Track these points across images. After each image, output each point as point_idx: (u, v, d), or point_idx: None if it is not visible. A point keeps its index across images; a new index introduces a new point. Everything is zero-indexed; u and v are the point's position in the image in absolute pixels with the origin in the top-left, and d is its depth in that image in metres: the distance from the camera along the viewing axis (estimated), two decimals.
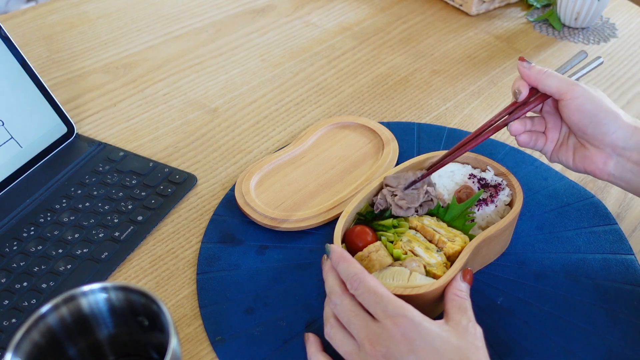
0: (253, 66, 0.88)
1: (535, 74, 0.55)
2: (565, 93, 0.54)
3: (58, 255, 0.60)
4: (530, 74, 0.55)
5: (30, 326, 0.39)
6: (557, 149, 0.59)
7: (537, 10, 1.03)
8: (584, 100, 0.53)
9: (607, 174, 0.55)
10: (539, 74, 0.55)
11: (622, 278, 0.58)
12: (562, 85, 0.54)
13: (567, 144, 0.58)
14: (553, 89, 0.54)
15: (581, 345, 0.52)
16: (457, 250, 0.53)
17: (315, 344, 0.50)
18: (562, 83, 0.54)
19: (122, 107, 0.80)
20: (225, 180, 0.69)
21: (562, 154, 0.58)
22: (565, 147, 0.58)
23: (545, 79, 0.55)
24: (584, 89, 0.54)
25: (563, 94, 0.54)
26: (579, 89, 0.54)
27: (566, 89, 0.54)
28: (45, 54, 0.89)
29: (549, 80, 0.54)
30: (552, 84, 0.54)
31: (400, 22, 0.99)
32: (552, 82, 0.54)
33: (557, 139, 0.59)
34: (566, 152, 0.58)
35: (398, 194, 0.57)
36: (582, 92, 0.54)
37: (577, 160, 0.57)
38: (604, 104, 0.54)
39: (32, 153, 0.68)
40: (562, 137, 0.59)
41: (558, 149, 0.59)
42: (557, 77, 0.55)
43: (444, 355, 0.43)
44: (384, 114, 0.80)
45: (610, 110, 0.53)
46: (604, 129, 0.54)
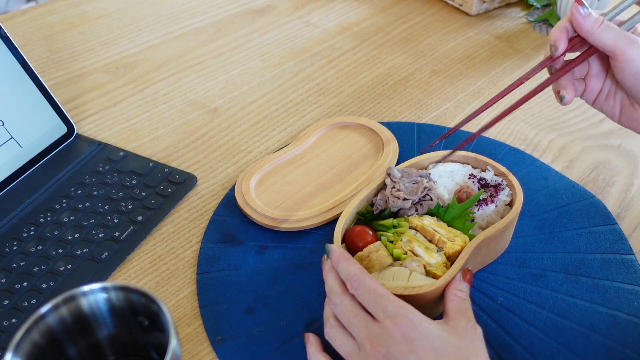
0: (253, 66, 0.88)
1: (590, 25, 0.49)
2: (622, 54, 0.48)
3: (58, 255, 0.60)
4: (584, 24, 0.49)
5: (30, 326, 0.39)
6: (601, 100, 0.54)
7: (537, 10, 1.03)
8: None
9: None
10: (594, 25, 0.48)
11: (622, 278, 0.58)
12: (619, 42, 0.48)
13: (614, 99, 0.53)
14: (608, 46, 0.48)
15: (581, 345, 0.52)
16: (457, 250, 0.53)
17: (315, 344, 0.50)
18: (619, 40, 0.48)
19: (122, 107, 0.80)
20: (225, 180, 0.70)
21: (607, 107, 0.54)
22: (611, 101, 0.54)
23: (601, 32, 0.48)
24: None
25: (619, 54, 0.48)
26: (637, 50, 0.48)
27: (622, 49, 0.48)
28: (45, 54, 0.89)
29: (604, 35, 0.48)
30: (607, 39, 0.48)
31: (400, 22, 0.99)
32: (608, 37, 0.48)
33: (599, 89, 0.54)
34: (612, 106, 0.54)
35: (397, 185, 0.57)
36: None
37: (624, 119, 0.53)
38: None
39: (32, 153, 0.68)
40: (607, 88, 0.54)
41: (602, 100, 0.54)
42: (614, 32, 0.48)
43: (444, 355, 0.43)
44: (384, 114, 0.80)
45: None
46: None
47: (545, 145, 0.75)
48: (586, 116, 0.79)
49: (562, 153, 0.73)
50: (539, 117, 0.79)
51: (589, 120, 0.79)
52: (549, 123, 0.78)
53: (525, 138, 0.75)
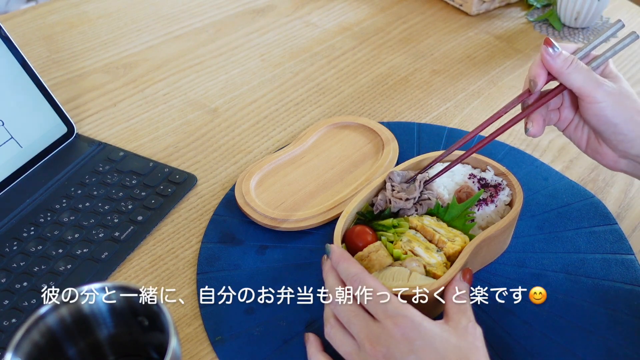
0: (253, 66, 0.88)
1: (559, 66, 0.50)
2: (588, 96, 0.50)
3: (58, 255, 0.60)
4: (553, 64, 0.51)
5: (30, 326, 0.39)
6: (571, 130, 0.57)
7: (537, 10, 1.03)
8: (606, 106, 0.50)
9: (618, 169, 0.56)
10: (564, 66, 0.50)
11: (622, 278, 0.58)
12: (586, 84, 0.50)
13: (582, 130, 0.56)
14: (575, 87, 0.51)
15: (581, 345, 0.52)
16: (457, 250, 0.53)
17: (315, 344, 0.50)
18: (587, 82, 0.50)
19: (122, 107, 0.80)
20: (225, 180, 0.70)
21: (576, 137, 0.57)
22: (579, 132, 0.56)
23: (570, 73, 0.50)
24: (609, 94, 0.50)
25: (585, 96, 0.51)
26: (602, 93, 0.50)
27: (589, 91, 0.50)
28: (45, 54, 0.89)
29: (573, 76, 0.50)
30: (575, 81, 0.50)
31: (400, 22, 0.99)
32: (575, 79, 0.50)
33: (570, 119, 0.56)
34: (580, 137, 0.57)
35: (396, 188, 0.57)
36: (605, 97, 0.50)
37: (589, 150, 0.57)
38: (628, 112, 0.50)
39: (32, 153, 0.68)
40: (577, 120, 0.56)
41: (572, 130, 0.57)
42: (582, 73, 0.50)
43: (444, 355, 0.43)
44: (384, 114, 0.80)
45: (632, 120, 0.50)
46: (621, 137, 0.52)
47: (545, 145, 0.75)
48: None
49: (562, 153, 0.73)
50: None
51: None
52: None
53: (525, 138, 0.75)
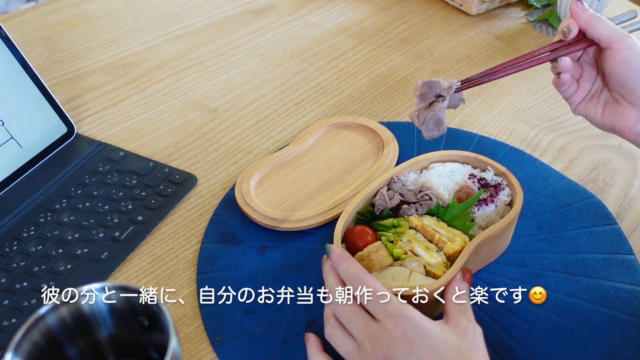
0: (253, 66, 0.88)
1: (587, 18, 0.54)
2: (615, 42, 0.53)
3: (58, 255, 0.60)
4: (582, 16, 0.54)
5: (30, 326, 0.39)
6: (586, 101, 0.58)
7: (537, 10, 1.03)
8: (632, 52, 0.53)
9: (635, 133, 0.56)
10: (591, 18, 0.54)
11: (622, 278, 0.58)
12: (613, 33, 0.53)
13: (598, 98, 0.58)
14: (603, 35, 0.54)
15: (581, 345, 0.52)
16: (457, 250, 0.53)
17: (315, 344, 0.50)
18: (614, 31, 0.53)
19: (122, 107, 0.80)
20: (225, 180, 0.70)
21: (591, 108, 0.58)
22: (595, 101, 0.58)
23: (597, 24, 0.54)
24: (635, 41, 0.53)
25: (612, 43, 0.53)
26: (629, 40, 0.53)
27: (617, 38, 0.53)
28: (45, 54, 0.89)
29: (600, 26, 0.54)
30: (603, 30, 0.53)
31: (400, 22, 0.99)
32: (603, 28, 0.53)
33: (588, 90, 0.58)
34: (595, 106, 0.58)
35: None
36: (633, 44, 0.53)
37: (607, 116, 0.57)
38: None
39: (32, 153, 0.68)
40: (594, 89, 0.58)
41: (587, 101, 0.58)
42: (608, 24, 0.54)
43: (444, 355, 0.43)
44: (384, 114, 0.80)
45: None
46: None
47: (545, 145, 0.75)
48: None
49: (562, 153, 0.73)
50: (539, 117, 0.79)
51: None
52: (549, 123, 0.78)
53: (525, 138, 0.75)
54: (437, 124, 0.56)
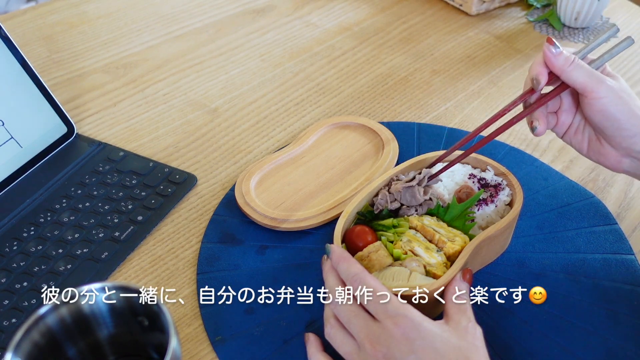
0: (253, 66, 0.88)
1: (561, 64, 0.51)
2: (591, 92, 0.51)
3: (58, 255, 0.60)
4: (555, 63, 0.51)
5: (30, 326, 0.39)
6: (571, 134, 0.57)
7: (537, 10, 1.03)
8: (609, 101, 0.51)
9: (621, 169, 0.55)
10: (565, 65, 0.51)
11: (622, 278, 0.58)
12: (588, 81, 0.51)
13: (583, 133, 0.56)
14: (578, 84, 0.51)
15: (581, 345, 0.52)
16: (457, 250, 0.53)
17: (315, 344, 0.50)
18: (589, 79, 0.51)
19: (122, 107, 0.80)
20: (225, 180, 0.70)
21: (576, 141, 0.56)
22: (580, 135, 0.56)
23: (572, 70, 0.51)
24: (611, 89, 0.51)
25: (588, 92, 0.51)
26: (604, 89, 0.50)
27: (592, 87, 0.50)
28: (45, 54, 0.89)
29: (575, 73, 0.51)
30: (577, 78, 0.51)
31: (400, 22, 0.99)
32: (578, 75, 0.51)
33: (569, 123, 0.56)
34: (581, 141, 0.56)
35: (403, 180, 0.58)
36: (608, 92, 0.50)
37: (591, 152, 0.56)
38: (629, 106, 0.51)
39: (32, 153, 0.68)
40: (577, 123, 0.56)
41: (572, 134, 0.57)
42: (583, 71, 0.51)
43: (444, 355, 0.43)
44: (384, 114, 0.80)
45: (634, 114, 0.51)
46: (624, 133, 0.52)
47: (545, 145, 0.75)
48: None
49: (562, 153, 0.73)
50: None
51: None
52: None
53: (525, 138, 0.75)
54: (411, 195, 0.57)
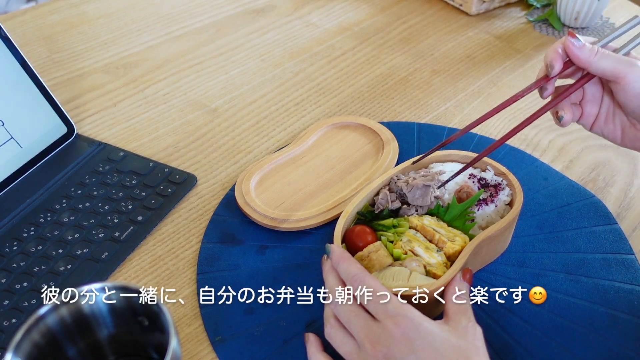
0: (253, 66, 0.88)
1: (587, 55, 0.50)
2: (624, 77, 0.49)
3: (58, 255, 0.60)
4: (581, 55, 0.50)
5: (30, 326, 0.39)
6: (601, 124, 0.55)
7: (537, 10, 1.03)
8: None
9: None
10: (591, 55, 0.49)
11: (622, 278, 0.58)
12: (618, 67, 0.49)
13: (614, 121, 0.54)
14: (608, 71, 0.49)
15: (581, 345, 0.52)
16: (457, 250, 0.53)
17: (315, 344, 0.50)
18: (619, 65, 0.49)
19: (122, 107, 0.80)
20: (225, 180, 0.70)
21: (608, 130, 0.55)
22: (611, 124, 0.54)
23: (599, 60, 0.49)
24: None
25: (620, 78, 0.49)
26: (637, 71, 0.49)
27: (624, 72, 0.49)
28: (45, 54, 0.89)
29: (602, 62, 0.49)
30: (607, 66, 0.49)
31: (400, 22, 0.99)
32: (606, 64, 0.49)
33: (595, 114, 0.55)
34: (613, 129, 0.54)
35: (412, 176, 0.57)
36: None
37: (627, 140, 0.54)
38: None
39: (32, 153, 0.68)
40: (605, 112, 0.54)
41: (602, 124, 0.55)
42: (612, 58, 0.49)
43: (444, 355, 0.43)
44: (384, 114, 0.80)
45: None
46: None
47: (545, 145, 0.75)
48: None
49: (562, 153, 0.73)
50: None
51: None
52: (549, 123, 0.78)
53: (525, 138, 0.75)
54: (422, 195, 0.56)
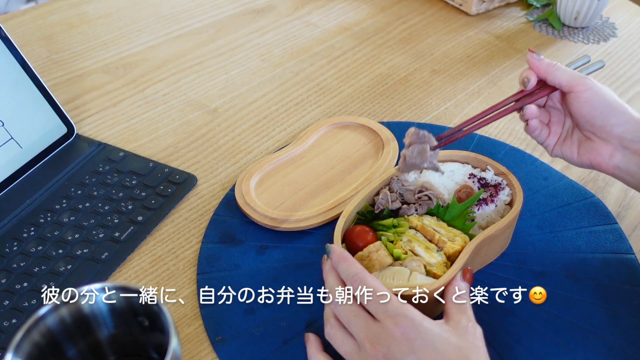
0: (253, 66, 0.88)
1: (545, 67, 0.56)
2: (576, 85, 0.55)
3: (58, 255, 0.60)
4: (540, 66, 0.56)
5: (30, 326, 0.39)
6: (561, 143, 0.59)
7: (537, 9, 1.03)
8: (594, 92, 0.54)
9: (612, 166, 0.56)
10: (548, 67, 0.56)
11: (622, 277, 0.58)
12: (572, 78, 0.55)
13: (572, 138, 0.59)
14: (563, 81, 0.55)
15: (581, 345, 0.52)
16: (457, 250, 0.53)
17: (315, 344, 0.50)
18: (572, 76, 0.55)
19: (122, 107, 0.80)
20: (225, 180, 0.70)
21: (566, 148, 0.59)
22: (569, 142, 0.59)
23: (555, 71, 0.55)
24: (594, 82, 0.55)
25: (573, 87, 0.55)
26: (589, 82, 0.55)
27: (577, 82, 0.55)
28: (45, 54, 0.89)
29: (558, 73, 0.55)
30: (562, 76, 0.55)
31: (400, 22, 0.99)
32: (562, 74, 0.55)
33: (559, 133, 0.59)
34: (570, 146, 0.59)
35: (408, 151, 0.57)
36: (592, 84, 0.55)
37: (582, 153, 0.58)
38: (612, 97, 0.55)
39: (32, 153, 0.68)
40: (566, 131, 0.59)
41: (561, 143, 0.59)
42: (566, 70, 0.55)
43: (444, 355, 0.43)
44: (384, 114, 0.80)
45: (618, 104, 0.55)
46: (612, 120, 0.54)
47: None
48: None
49: None
50: None
51: None
52: None
53: (525, 138, 0.75)
54: (420, 152, 0.56)
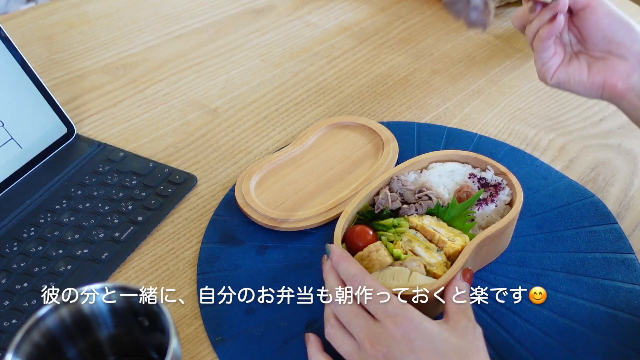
0: (253, 66, 0.88)
1: None
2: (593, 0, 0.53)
3: (58, 255, 0.60)
4: None
5: (30, 327, 0.39)
6: (566, 64, 0.57)
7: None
8: (611, 8, 0.53)
9: (628, 86, 0.54)
10: None
11: (622, 277, 0.58)
12: None
13: (579, 60, 0.57)
14: None
15: (581, 345, 0.52)
16: (458, 249, 0.53)
17: (315, 344, 0.50)
18: None
19: (122, 108, 0.80)
20: (225, 180, 0.70)
21: (573, 69, 0.57)
22: (576, 62, 0.57)
23: None
24: None
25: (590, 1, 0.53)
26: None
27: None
28: (45, 54, 0.89)
29: None
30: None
31: (400, 22, 0.99)
32: None
33: (563, 56, 0.57)
34: (579, 67, 0.56)
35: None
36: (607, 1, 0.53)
37: (594, 73, 0.56)
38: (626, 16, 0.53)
39: (32, 154, 0.68)
40: (568, 54, 0.57)
41: (567, 64, 0.57)
42: None
43: (444, 355, 0.43)
44: (384, 114, 0.80)
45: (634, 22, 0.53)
46: (633, 35, 0.53)
47: (545, 145, 0.75)
48: (586, 115, 0.79)
49: (562, 152, 0.73)
50: (538, 116, 0.79)
51: (589, 119, 0.79)
52: (548, 122, 0.78)
53: (525, 137, 0.75)
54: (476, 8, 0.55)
